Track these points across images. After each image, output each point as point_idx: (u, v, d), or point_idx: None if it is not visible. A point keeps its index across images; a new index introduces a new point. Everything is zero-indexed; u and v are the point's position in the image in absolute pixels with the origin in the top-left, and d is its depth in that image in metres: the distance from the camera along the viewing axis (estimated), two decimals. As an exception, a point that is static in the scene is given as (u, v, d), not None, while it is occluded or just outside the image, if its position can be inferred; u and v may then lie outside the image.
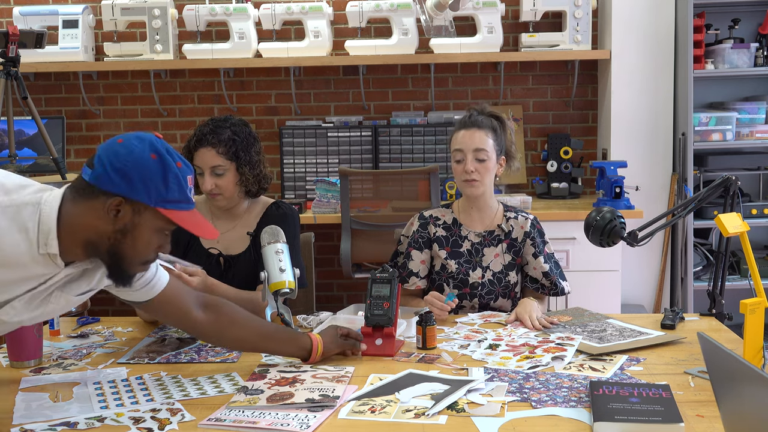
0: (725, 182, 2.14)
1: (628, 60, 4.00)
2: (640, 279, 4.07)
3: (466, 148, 2.39)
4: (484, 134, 2.40)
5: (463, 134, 2.41)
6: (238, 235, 2.42)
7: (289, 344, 1.91)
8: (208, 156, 2.33)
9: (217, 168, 2.33)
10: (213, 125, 2.36)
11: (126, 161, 1.53)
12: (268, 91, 4.40)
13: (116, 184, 1.52)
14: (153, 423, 1.57)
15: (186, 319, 1.84)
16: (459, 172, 2.42)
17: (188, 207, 1.60)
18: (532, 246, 2.46)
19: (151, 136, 1.58)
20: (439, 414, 1.58)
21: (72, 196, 1.56)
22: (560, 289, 2.44)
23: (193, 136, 2.37)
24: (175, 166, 1.56)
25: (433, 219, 2.52)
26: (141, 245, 1.58)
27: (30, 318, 1.65)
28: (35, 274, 1.57)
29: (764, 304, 1.80)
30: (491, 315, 2.33)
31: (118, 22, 4.10)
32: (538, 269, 2.44)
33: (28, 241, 1.52)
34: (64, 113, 4.41)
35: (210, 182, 2.33)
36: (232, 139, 2.35)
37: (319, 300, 3.01)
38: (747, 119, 3.89)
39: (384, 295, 2.01)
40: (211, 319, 1.86)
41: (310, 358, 1.90)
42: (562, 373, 1.81)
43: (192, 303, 1.85)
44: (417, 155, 4.15)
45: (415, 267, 2.47)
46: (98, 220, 1.54)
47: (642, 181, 3.98)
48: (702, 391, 1.69)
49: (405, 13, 4.04)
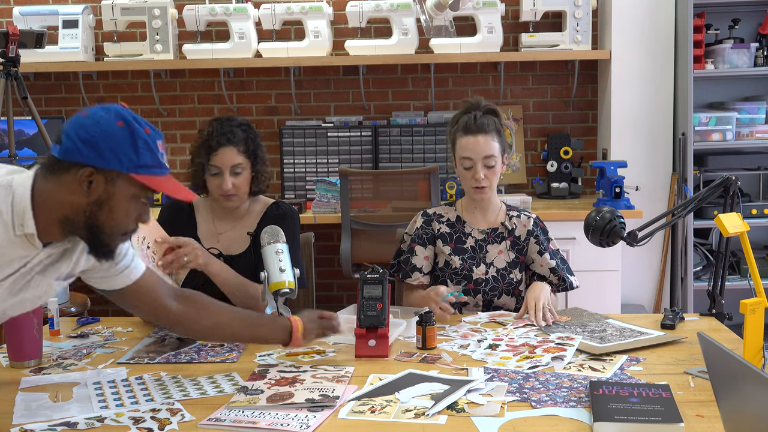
0: (725, 182, 2.14)
1: (628, 60, 3.99)
2: (640, 279, 4.07)
3: (476, 156, 2.38)
4: (490, 139, 2.39)
5: (471, 141, 2.38)
6: (238, 235, 2.42)
7: (268, 327, 1.91)
8: (230, 155, 2.33)
9: (237, 167, 2.34)
10: (224, 125, 2.36)
11: (93, 132, 1.51)
12: (268, 91, 4.40)
13: (86, 155, 1.50)
14: (153, 423, 1.57)
15: (160, 310, 1.82)
16: (468, 178, 2.41)
17: (162, 172, 1.58)
18: (536, 244, 2.46)
19: (116, 106, 1.56)
20: (439, 414, 1.58)
21: (43, 174, 1.54)
22: (569, 284, 2.44)
23: (210, 136, 2.35)
24: (143, 132, 1.54)
25: (437, 216, 2.52)
26: (119, 215, 1.56)
27: (12, 305, 1.63)
28: (14, 257, 1.55)
29: (764, 304, 1.80)
30: (500, 315, 2.32)
31: (118, 22, 4.10)
32: (545, 266, 2.44)
33: (2, 223, 1.50)
34: (64, 113, 4.41)
35: (229, 181, 2.33)
36: (247, 137, 2.37)
37: (319, 300, 3.00)
38: (747, 119, 3.89)
39: (376, 296, 2.00)
40: (186, 308, 1.85)
41: (291, 340, 1.89)
42: (562, 373, 1.81)
43: (166, 294, 1.83)
44: (417, 155, 4.15)
45: (419, 262, 2.48)
46: (72, 194, 1.52)
47: (642, 181, 3.98)
48: (702, 391, 1.69)
49: (405, 13, 4.04)
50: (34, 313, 1.94)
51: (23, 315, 1.91)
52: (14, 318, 1.91)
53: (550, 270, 2.44)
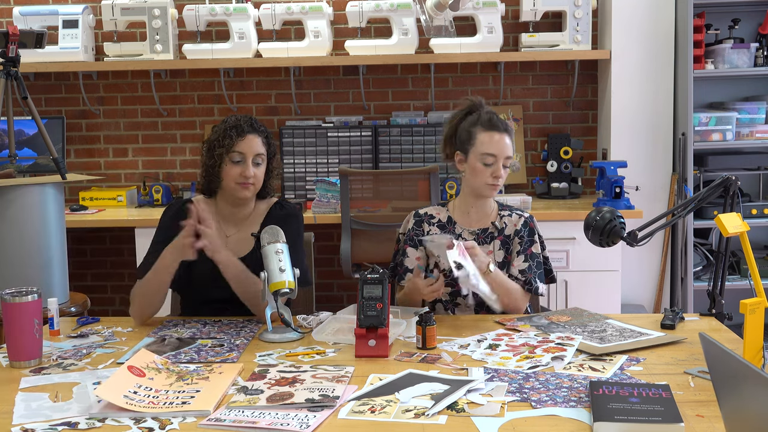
0: (725, 182, 2.14)
1: (628, 60, 4.00)
2: (640, 279, 4.07)
3: (500, 154, 2.39)
4: (509, 140, 2.43)
5: (497, 138, 2.40)
6: (243, 236, 2.41)
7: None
8: (256, 142, 2.36)
9: (259, 157, 2.37)
10: (246, 117, 2.41)
11: None
12: (268, 91, 4.40)
13: None
14: (153, 423, 1.57)
15: None
16: (486, 174, 2.40)
17: None
18: (518, 244, 2.46)
19: None
20: (439, 414, 1.58)
21: None
22: (534, 288, 2.43)
23: (236, 123, 2.36)
24: None
25: (428, 217, 2.53)
26: None
27: None
28: None
29: (764, 304, 1.80)
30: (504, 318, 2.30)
31: (118, 22, 4.10)
32: (516, 266, 2.44)
33: None
34: (64, 113, 4.41)
35: (252, 170, 2.34)
36: (268, 133, 2.43)
37: (319, 300, 3.00)
38: (747, 119, 3.89)
39: (376, 296, 2.00)
40: None
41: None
42: (562, 373, 1.81)
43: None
44: (417, 155, 4.15)
45: (411, 263, 2.49)
46: None
47: (642, 181, 3.98)
48: (702, 391, 1.69)
49: (405, 13, 4.04)
50: (34, 313, 1.93)
51: (23, 315, 1.92)
52: (14, 318, 1.92)
53: (519, 271, 2.43)
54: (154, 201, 4.18)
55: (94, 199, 4.19)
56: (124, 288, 4.43)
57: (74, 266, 4.01)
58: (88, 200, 4.18)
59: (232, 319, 2.32)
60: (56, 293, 2.92)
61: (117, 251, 4.43)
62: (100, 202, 4.19)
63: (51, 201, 2.99)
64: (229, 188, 2.37)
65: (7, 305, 1.92)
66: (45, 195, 2.97)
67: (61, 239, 3.04)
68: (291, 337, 2.11)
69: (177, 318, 2.38)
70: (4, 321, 1.93)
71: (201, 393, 1.70)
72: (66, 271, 3.09)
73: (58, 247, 3.02)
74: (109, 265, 4.46)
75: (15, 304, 1.91)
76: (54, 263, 2.99)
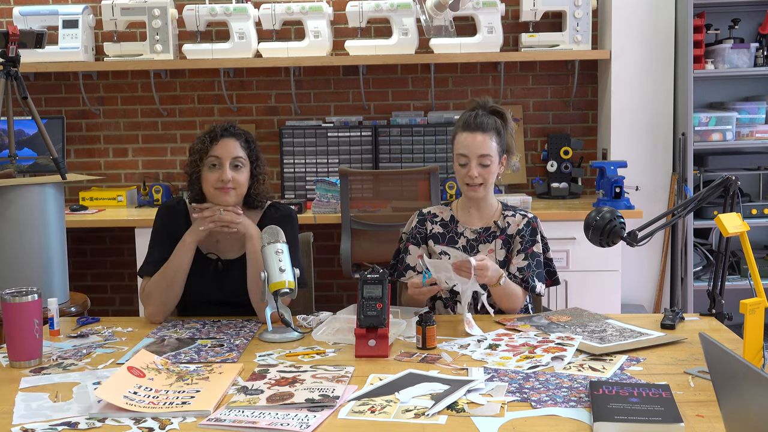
0: (725, 182, 2.14)
1: (628, 60, 3.99)
2: (640, 279, 4.07)
3: (471, 153, 2.39)
4: (488, 138, 2.39)
5: (468, 138, 2.39)
6: (236, 239, 2.39)
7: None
8: (232, 146, 2.32)
9: (238, 160, 2.32)
10: (225, 124, 2.37)
11: None
12: (268, 91, 4.40)
13: None
14: (153, 423, 1.57)
15: None
16: (462, 175, 2.42)
17: None
18: (519, 243, 2.46)
19: None
20: (439, 414, 1.58)
21: None
22: (531, 288, 2.42)
23: (211, 130, 2.35)
24: None
25: (431, 216, 2.53)
26: None
27: None
28: None
29: (764, 304, 1.80)
30: (504, 319, 2.30)
31: (118, 22, 4.10)
32: (515, 265, 2.44)
33: None
34: (64, 113, 4.41)
35: (229, 173, 2.30)
36: (248, 137, 2.39)
37: (319, 300, 3.00)
38: (747, 119, 3.89)
39: (376, 296, 2.00)
40: None
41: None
42: (562, 373, 1.81)
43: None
44: (417, 155, 4.15)
45: (412, 261, 2.49)
46: None
47: (642, 181, 3.98)
48: (702, 391, 1.69)
49: (405, 13, 4.04)
50: (35, 313, 1.93)
51: (23, 315, 1.92)
52: (14, 318, 1.92)
53: (518, 269, 2.43)
54: (154, 201, 4.18)
55: (94, 199, 4.19)
56: (124, 288, 4.44)
57: (74, 266, 4.01)
58: (88, 200, 4.18)
59: (231, 320, 2.32)
60: (56, 293, 2.92)
61: (117, 251, 4.43)
62: (100, 202, 4.19)
63: (51, 201, 2.99)
64: (210, 194, 2.32)
65: (7, 305, 1.92)
66: (45, 195, 2.97)
67: (61, 239, 3.04)
68: (291, 337, 2.11)
69: (176, 319, 2.38)
70: (4, 321, 1.93)
71: (201, 393, 1.70)
72: (66, 271, 3.09)
73: (58, 247, 3.02)
74: (109, 265, 4.47)
75: (15, 304, 1.91)
76: (54, 263, 2.99)
